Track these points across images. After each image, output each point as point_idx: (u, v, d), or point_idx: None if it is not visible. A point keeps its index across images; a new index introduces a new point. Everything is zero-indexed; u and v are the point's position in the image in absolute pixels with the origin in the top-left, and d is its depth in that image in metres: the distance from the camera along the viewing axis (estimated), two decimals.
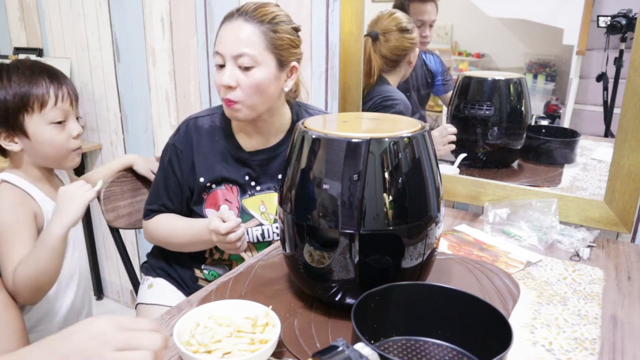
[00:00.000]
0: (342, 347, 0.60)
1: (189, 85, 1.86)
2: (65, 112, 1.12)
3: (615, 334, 0.83)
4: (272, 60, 1.10)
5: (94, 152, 2.26)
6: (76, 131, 1.14)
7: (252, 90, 1.10)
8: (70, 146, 1.14)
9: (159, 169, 1.26)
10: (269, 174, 1.23)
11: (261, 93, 1.11)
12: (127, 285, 2.37)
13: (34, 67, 1.12)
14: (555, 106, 1.34)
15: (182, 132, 1.23)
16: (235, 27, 1.09)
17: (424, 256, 0.82)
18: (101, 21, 2.01)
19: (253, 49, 1.08)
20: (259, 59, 1.08)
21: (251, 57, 1.08)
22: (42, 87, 1.09)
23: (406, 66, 1.48)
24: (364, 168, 0.75)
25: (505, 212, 1.26)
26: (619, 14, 1.16)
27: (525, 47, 1.35)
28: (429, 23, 1.43)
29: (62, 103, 1.11)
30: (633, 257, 1.12)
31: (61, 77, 1.13)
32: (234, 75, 1.09)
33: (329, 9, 1.48)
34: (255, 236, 1.23)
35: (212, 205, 1.22)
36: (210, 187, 1.22)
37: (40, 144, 1.11)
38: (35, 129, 1.10)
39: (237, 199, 1.22)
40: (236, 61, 1.08)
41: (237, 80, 1.09)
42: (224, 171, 1.21)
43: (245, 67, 1.08)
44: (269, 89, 1.12)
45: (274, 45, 1.10)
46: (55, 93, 1.10)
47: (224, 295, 0.92)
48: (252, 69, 1.09)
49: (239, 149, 1.22)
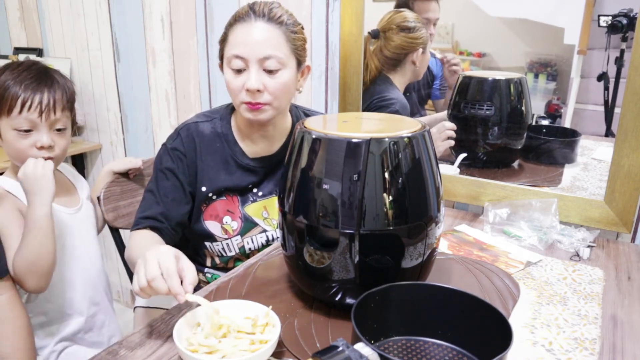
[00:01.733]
0: (342, 347, 0.60)
1: (189, 85, 1.86)
2: (32, 123, 1.10)
3: (615, 334, 0.83)
4: (293, 61, 1.09)
5: (94, 152, 2.26)
6: (41, 142, 1.11)
7: (280, 92, 1.07)
8: (30, 154, 1.11)
9: (155, 176, 1.16)
10: (272, 179, 1.21)
11: (286, 94, 1.10)
12: (127, 285, 2.37)
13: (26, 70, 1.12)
14: (556, 106, 1.34)
15: (183, 137, 1.15)
16: (255, 29, 1.05)
17: (424, 256, 0.82)
18: (101, 21, 2.01)
19: (279, 51, 1.05)
20: (285, 61, 1.06)
21: (278, 60, 1.05)
22: (15, 92, 1.08)
23: (411, 67, 1.47)
24: (364, 168, 0.75)
25: (505, 212, 1.26)
26: (619, 14, 1.16)
27: (526, 47, 1.35)
28: (433, 21, 1.42)
29: (27, 113, 1.09)
30: (633, 257, 1.12)
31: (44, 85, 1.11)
32: (260, 78, 1.05)
33: (329, 9, 1.48)
34: (260, 243, 1.21)
35: (212, 217, 1.17)
36: (211, 197, 1.17)
37: (7, 146, 1.13)
38: (4, 131, 1.12)
39: (238, 208, 1.18)
40: (262, 64, 1.05)
41: (264, 84, 1.06)
42: (228, 181, 1.16)
43: (270, 70, 1.05)
44: (291, 89, 1.11)
45: (294, 46, 1.08)
46: (23, 102, 1.08)
47: (224, 295, 0.92)
48: (278, 71, 1.06)
49: (242, 155, 1.17)
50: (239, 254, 1.21)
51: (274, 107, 1.09)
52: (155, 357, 0.76)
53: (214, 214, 1.17)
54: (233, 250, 1.20)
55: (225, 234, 1.18)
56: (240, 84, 1.06)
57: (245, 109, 1.09)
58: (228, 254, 1.20)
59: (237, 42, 1.06)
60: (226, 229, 1.18)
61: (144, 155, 1.99)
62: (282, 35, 1.06)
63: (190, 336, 0.75)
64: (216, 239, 1.18)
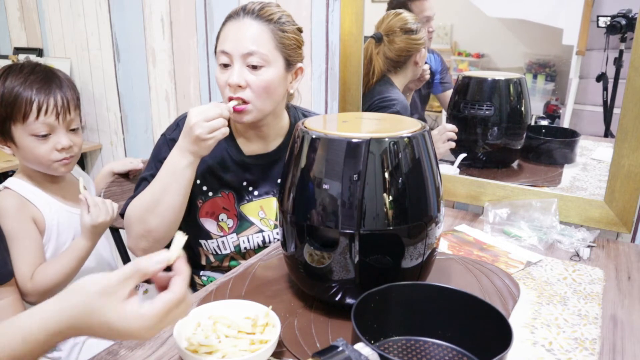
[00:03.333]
0: (342, 347, 0.60)
1: (189, 85, 1.86)
2: (50, 126, 1.09)
3: (616, 334, 0.83)
4: (280, 60, 1.08)
5: (94, 152, 2.26)
6: (61, 145, 1.10)
7: (262, 90, 1.07)
8: (52, 158, 1.11)
9: (151, 165, 1.17)
10: (268, 178, 1.21)
11: (270, 94, 1.08)
12: None
13: (32, 73, 1.10)
14: (555, 106, 1.34)
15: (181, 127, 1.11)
16: (243, 26, 1.06)
17: (424, 256, 0.82)
18: (101, 21, 2.01)
19: (263, 47, 1.05)
20: (269, 58, 1.06)
21: (261, 56, 1.05)
22: (28, 97, 1.06)
23: (413, 67, 1.47)
24: (364, 168, 0.75)
25: (505, 212, 1.26)
26: (618, 14, 1.16)
27: (525, 47, 1.35)
28: (432, 18, 1.43)
29: (45, 117, 1.08)
30: (633, 257, 1.12)
31: (55, 87, 1.10)
32: (243, 74, 1.06)
33: (329, 9, 1.48)
34: (256, 243, 1.21)
35: (208, 215, 1.18)
36: (207, 193, 1.18)
37: (24, 152, 1.11)
38: (20, 138, 1.10)
39: (234, 206, 1.19)
40: (245, 60, 1.05)
41: (246, 80, 1.06)
42: (223, 176, 1.17)
43: (254, 66, 1.05)
44: (277, 90, 1.10)
45: (282, 45, 1.08)
46: (39, 106, 1.07)
47: (224, 295, 0.92)
48: (262, 68, 1.06)
49: (238, 152, 1.19)
50: (234, 253, 1.21)
51: (257, 107, 1.08)
52: (155, 357, 0.76)
53: (210, 212, 1.18)
54: (228, 249, 1.20)
55: (221, 231, 1.19)
56: (225, 80, 1.08)
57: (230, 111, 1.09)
58: (223, 252, 1.21)
59: (224, 38, 1.09)
60: (222, 226, 1.19)
61: (144, 155, 1.99)
62: (269, 32, 1.06)
63: (190, 336, 0.75)
64: (212, 236, 1.19)
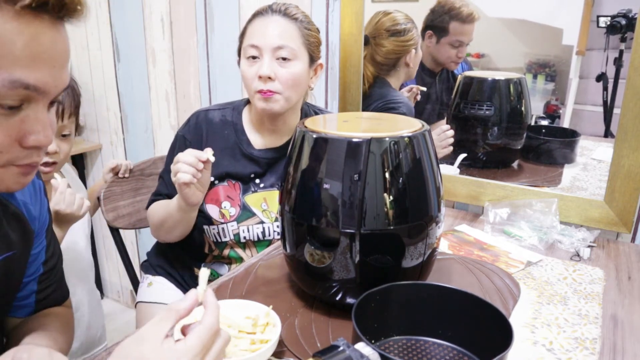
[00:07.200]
0: (342, 346, 0.60)
1: (189, 85, 1.86)
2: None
3: (616, 334, 0.83)
4: (305, 55, 1.15)
5: (93, 152, 2.26)
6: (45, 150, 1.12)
7: (290, 82, 1.13)
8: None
9: (166, 161, 1.26)
10: (274, 172, 1.24)
11: (297, 86, 1.15)
12: (127, 285, 2.37)
13: None
14: (555, 106, 1.34)
15: (192, 124, 1.24)
16: (272, 22, 1.13)
17: (425, 256, 0.82)
18: (101, 21, 2.01)
19: (292, 42, 1.12)
20: (296, 52, 1.13)
21: (291, 50, 1.12)
22: None
23: (405, 68, 1.45)
24: (365, 168, 0.75)
25: (505, 212, 1.26)
26: (618, 14, 1.16)
27: (525, 47, 1.35)
28: (466, 43, 1.40)
29: None
30: (633, 257, 1.12)
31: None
32: (272, 67, 1.11)
33: (329, 9, 1.48)
34: (256, 234, 1.23)
35: (213, 201, 1.22)
36: (213, 182, 1.21)
37: None
38: None
39: (239, 196, 1.22)
40: (274, 53, 1.12)
41: (275, 72, 1.12)
42: (230, 167, 1.21)
43: (283, 59, 1.12)
44: (302, 83, 1.16)
45: (307, 42, 1.15)
46: None
47: (224, 295, 0.92)
48: (290, 61, 1.12)
49: (249, 145, 1.23)
50: (233, 241, 1.23)
51: (285, 97, 1.14)
52: None
53: (214, 198, 1.22)
54: (227, 236, 1.22)
55: (222, 217, 1.21)
56: (254, 72, 1.13)
57: (258, 99, 1.14)
58: (222, 239, 1.23)
59: (253, 33, 1.14)
60: (224, 213, 1.21)
61: (144, 155, 1.99)
62: (296, 29, 1.14)
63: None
64: (213, 222, 1.22)
